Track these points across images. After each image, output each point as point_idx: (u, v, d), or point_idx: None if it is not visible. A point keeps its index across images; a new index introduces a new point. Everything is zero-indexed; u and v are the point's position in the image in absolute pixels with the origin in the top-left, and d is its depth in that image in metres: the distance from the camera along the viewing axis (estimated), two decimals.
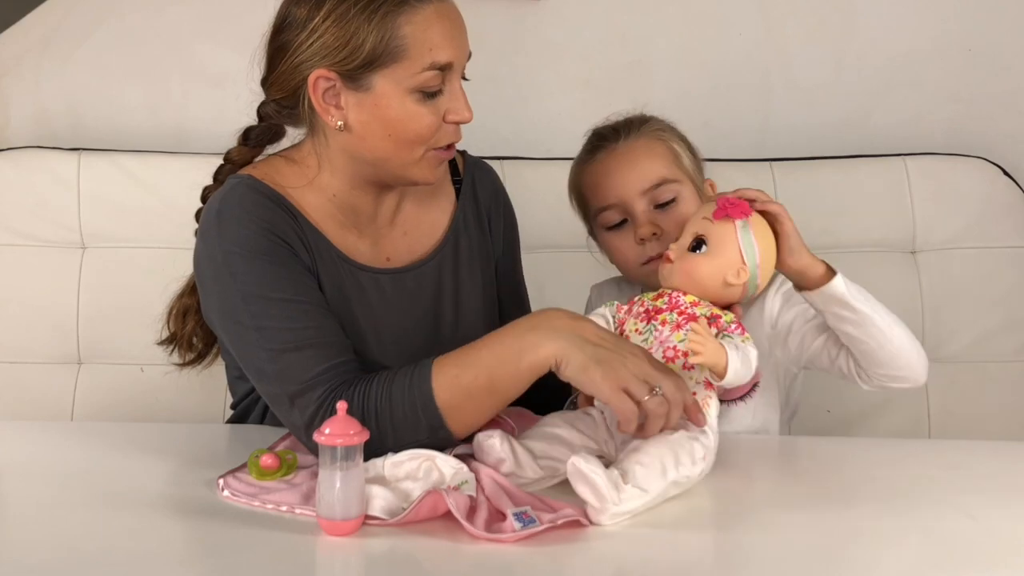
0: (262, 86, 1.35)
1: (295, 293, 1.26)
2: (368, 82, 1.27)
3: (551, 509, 1.09)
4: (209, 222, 1.29)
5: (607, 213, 1.45)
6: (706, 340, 1.15)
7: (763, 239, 1.28)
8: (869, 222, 1.97)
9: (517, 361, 1.16)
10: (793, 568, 1.04)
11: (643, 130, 1.47)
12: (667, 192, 1.43)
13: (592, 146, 1.49)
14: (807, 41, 2.10)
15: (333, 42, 1.25)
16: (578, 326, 1.18)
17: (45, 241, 1.91)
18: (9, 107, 2.04)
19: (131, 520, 1.11)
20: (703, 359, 1.14)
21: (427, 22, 1.26)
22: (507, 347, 1.17)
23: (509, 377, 1.17)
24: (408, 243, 1.43)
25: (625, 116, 1.51)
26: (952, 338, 1.95)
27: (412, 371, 1.20)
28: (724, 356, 1.16)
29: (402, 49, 1.25)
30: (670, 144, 1.47)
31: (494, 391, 1.18)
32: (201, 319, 1.39)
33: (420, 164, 1.32)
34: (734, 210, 1.25)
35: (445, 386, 1.18)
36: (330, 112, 1.29)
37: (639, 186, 1.43)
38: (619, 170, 1.44)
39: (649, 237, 1.42)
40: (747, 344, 1.21)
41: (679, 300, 1.25)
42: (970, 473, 1.29)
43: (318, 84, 1.27)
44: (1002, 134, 2.08)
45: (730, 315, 1.25)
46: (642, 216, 1.43)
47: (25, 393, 1.87)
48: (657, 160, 1.45)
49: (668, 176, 1.44)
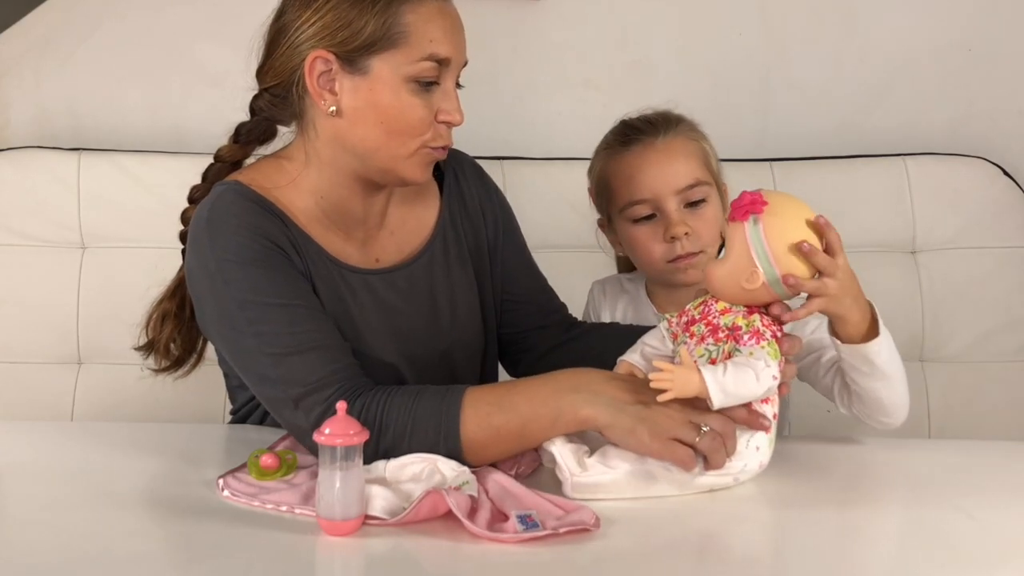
0: (257, 75, 1.35)
1: (292, 297, 1.25)
2: (366, 65, 1.27)
3: (563, 511, 1.08)
4: (199, 231, 1.28)
5: (638, 207, 1.45)
6: (674, 373, 1.11)
7: (778, 237, 1.17)
8: (869, 222, 1.97)
9: (554, 419, 1.16)
10: (793, 568, 1.04)
11: (680, 128, 1.48)
12: (698, 193, 1.44)
13: (625, 137, 1.49)
14: (807, 41, 2.10)
15: (334, 22, 1.26)
16: (615, 387, 1.17)
17: (45, 241, 1.91)
18: (9, 107, 2.04)
19: (131, 520, 1.11)
20: (673, 394, 1.11)
21: (429, 15, 1.27)
22: (546, 404, 1.17)
23: (541, 431, 1.17)
24: (396, 243, 1.42)
25: (656, 111, 1.51)
26: (952, 338, 1.96)
27: (442, 397, 1.19)
28: (695, 385, 1.11)
29: (403, 36, 1.26)
30: (702, 145, 1.49)
31: (523, 439, 1.18)
32: (179, 325, 1.39)
33: (410, 160, 1.31)
34: (738, 210, 1.18)
35: (474, 422, 1.18)
36: (324, 97, 1.29)
37: (675, 184, 1.44)
38: (658, 165, 1.45)
39: (681, 236, 1.42)
40: (757, 355, 1.14)
41: (711, 308, 1.21)
42: (970, 473, 1.29)
43: (315, 65, 1.27)
44: (1002, 134, 2.08)
45: (751, 320, 1.18)
46: (675, 214, 1.43)
47: (25, 393, 1.87)
48: (693, 160, 1.46)
49: (701, 177, 1.45)
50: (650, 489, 1.14)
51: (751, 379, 1.12)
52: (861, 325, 1.24)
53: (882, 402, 1.31)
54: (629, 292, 1.57)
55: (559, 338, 1.50)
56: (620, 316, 1.57)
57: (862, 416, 1.34)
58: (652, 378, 1.12)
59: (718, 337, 1.18)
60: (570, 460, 1.14)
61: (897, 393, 1.30)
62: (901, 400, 1.32)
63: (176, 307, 1.39)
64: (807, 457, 1.33)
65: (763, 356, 1.14)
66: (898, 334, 1.92)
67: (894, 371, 1.28)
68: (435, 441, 1.18)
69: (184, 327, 1.40)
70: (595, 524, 1.06)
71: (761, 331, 1.17)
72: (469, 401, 1.18)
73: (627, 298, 1.57)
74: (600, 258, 1.67)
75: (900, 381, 1.30)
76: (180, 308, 1.39)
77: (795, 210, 1.19)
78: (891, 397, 1.30)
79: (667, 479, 1.14)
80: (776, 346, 1.17)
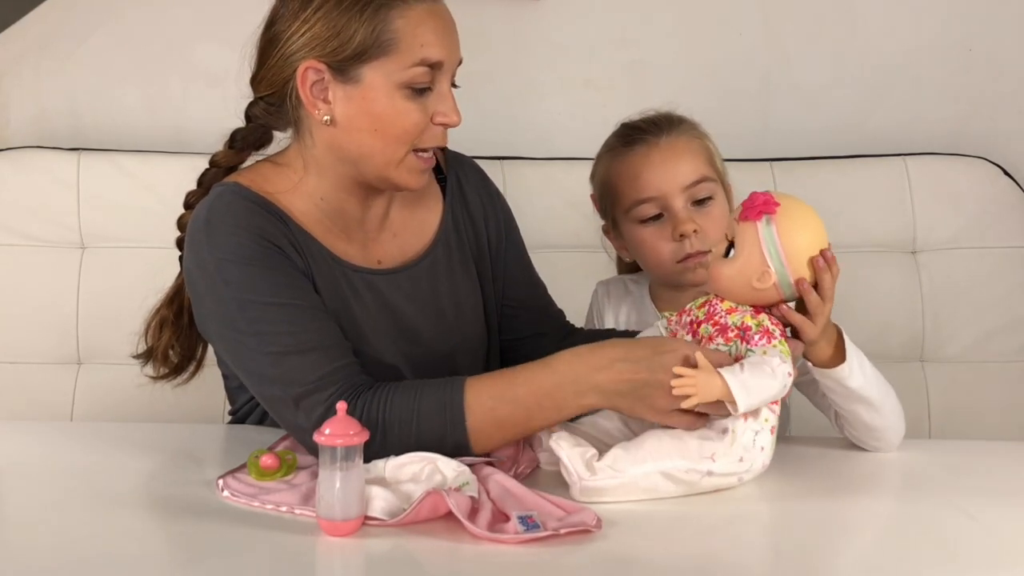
0: (251, 84, 1.35)
1: (291, 297, 1.25)
2: (357, 74, 1.27)
3: (564, 512, 1.08)
4: (198, 232, 1.28)
5: (645, 206, 1.44)
6: (696, 379, 1.12)
7: (790, 237, 1.20)
8: (869, 222, 1.97)
9: (557, 410, 1.20)
10: (793, 568, 1.04)
11: (683, 127, 1.48)
12: (705, 190, 1.44)
13: (628, 138, 1.48)
14: (807, 41, 2.10)
15: (324, 32, 1.25)
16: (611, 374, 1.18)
17: (45, 241, 1.91)
18: (9, 107, 2.04)
19: (131, 520, 1.11)
20: (697, 400, 1.12)
21: (419, 19, 1.26)
22: (550, 397, 1.19)
23: (545, 421, 1.21)
24: (399, 245, 1.42)
25: (658, 112, 1.51)
26: (952, 338, 1.95)
27: (444, 390, 1.21)
28: (718, 389, 1.12)
29: (393, 43, 1.25)
30: (706, 143, 1.49)
31: (528, 428, 1.22)
32: (178, 332, 1.39)
33: (402, 167, 1.31)
34: (751, 210, 1.19)
35: (478, 415, 1.20)
36: (317, 106, 1.28)
37: (682, 181, 1.43)
38: (663, 163, 1.44)
39: (690, 233, 1.41)
40: (771, 353, 1.15)
41: (716, 308, 1.22)
42: (970, 473, 1.29)
43: (307, 75, 1.27)
44: (1002, 134, 2.08)
45: (760, 319, 1.19)
46: (682, 212, 1.42)
47: (25, 393, 1.87)
48: (698, 158, 1.46)
49: (707, 174, 1.45)
50: (657, 492, 1.14)
51: (768, 376, 1.13)
52: (826, 349, 1.26)
53: (867, 425, 1.31)
54: (633, 294, 1.57)
55: (556, 345, 1.49)
56: (623, 317, 1.57)
57: (854, 439, 1.35)
58: (674, 384, 1.13)
59: (728, 337, 1.19)
60: (579, 464, 1.14)
61: (882, 416, 1.30)
62: (887, 423, 1.31)
63: (174, 314, 1.39)
64: (808, 457, 1.33)
65: (776, 354, 1.16)
66: (898, 334, 1.95)
67: (874, 396, 1.28)
68: (441, 434, 1.19)
69: (183, 334, 1.39)
70: (597, 525, 1.06)
71: (771, 330, 1.19)
72: (471, 393, 1.20)
73: (631, 300, 1.57)
74: (601, 258, 1.67)
75: (884, 406, 1.30)
76: (178, 315, 1.39)
77: (808, 214, 1.22)
78: (875, 421, 1.30)
79: (674, 483, 1.14)
80: (786, 344, 1.18)
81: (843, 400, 1.29)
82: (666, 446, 1.15)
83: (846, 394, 1.28)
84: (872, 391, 1.28)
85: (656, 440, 1.15)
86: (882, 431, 1.32)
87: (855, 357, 1.27)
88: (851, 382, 1.27)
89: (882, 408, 1.30)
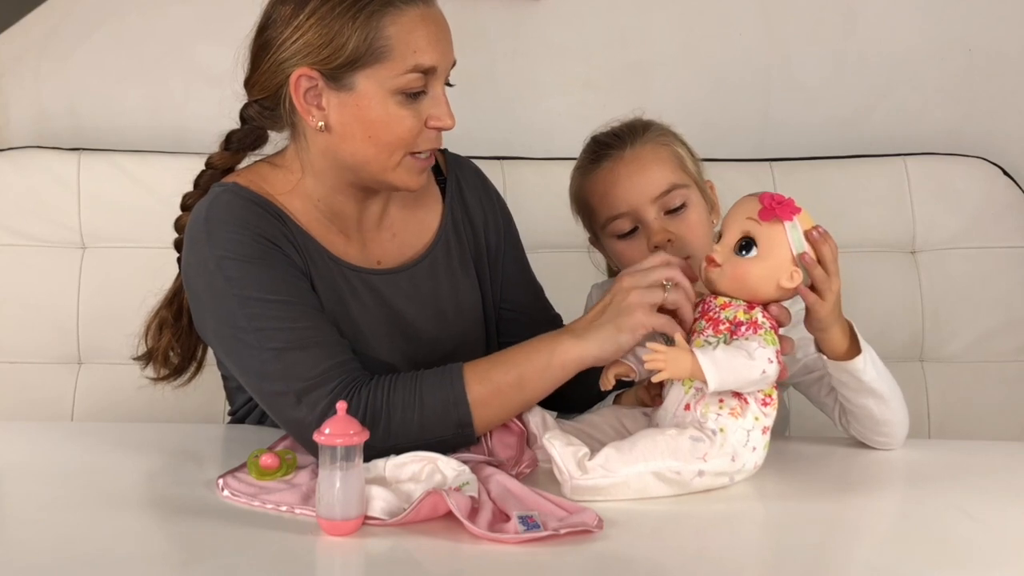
0: (245, 87, 1.34)
1: (291, 295, 1.26)
2: (350, 82, 1.26)
3: (565, 512, 1.08)
4: (198, 230, 1.28)
5: (618, 222, 1.43)
6: (668, 355, 1.14)
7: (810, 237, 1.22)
8: (869, 222, 1.97)
9: (546, 362, 1.22)
10: (792, 568, 1.04)
11: (647, 136, 1.45)
12: (677, 198, 1.41)
13: (595, 154, 1.47)
14: (807, 41, 2.10)
15: (316, 40, 1.25)
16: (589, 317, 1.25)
17: (45, 241, 1.91)
18: (9, 107, 2.04)
19: (131, 520, 1.11)
20: (667, 374, 1.14)
21: (412, 24, 1.26)
22: (537, 350, 1.23)
23: (537, 376, 1.23)
24: (398, 245, 1.42)
25: (623, 122, 1.49)
26: (952, 338, 1.96)
27: (441, 371, 1.24)
28: (687, 365, 1.13)
29: (386, 50, 1.25)
30: (674, 148, 1.46)
31: (522, 390, 1.23)
32: (178, 333, 1.39)
33: (399, 170, 1.31)
34: (783, 210, 1.19)
35: (475, 381, 1.22)
36: (311, 113, 1.28)
37: (650, 193, 1.41)
38: (629, 178, 1.42)
39: (664, 244, 1.39)
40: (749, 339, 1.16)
41: (711, 304, 1.22)
42: (970, 473, 1.29)
43: (300, 83, 1.27)
44: (1002, 134, 2.08)
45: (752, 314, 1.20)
46: (655, 223, 1.41)
47: (25, 393, 1.87)
48: (665, 166, 1.43)
49: (677, 181, 1.42)
50: (648, 492, 1.15)
51: (744, 357, 1.14)
52: (843, 342, 1.26)
53: (876, 419, 1.31)
54: None
55: None
56: None
57: (860, 436, 1.35)
58: (645, 359, 1.15)
59: (718, 330, 1.19)
60: (570, 463, 1.14)
61: (891, 411, 1.31)
62: (895, 418, 1.32)
63: (174, 315, 1.39)
64: (806, 457, 1.33)
65: (757, 339, 1.17)
66: (898, 334, 1.95)
67: (884, 390, 1.29)
68: (446, 414, 1.20)
69: (183, 335, 1.40)
70: (598, 526, 1.06)
71: (760, 323, 1.19)
72: (469, 369, 1.23)
73: None
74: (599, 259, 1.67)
75: (893, 400, 1.30)
76: (178, 316, 1.39)
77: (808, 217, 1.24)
78: (884, 415, 1.31)
79: (666, 483, 1.15)
80: (774, 335, 1.19)
81: (855, 394, 1.29)
82: (659, 446, 1.15)
83: (859, 387, 1.28)
84: (883, 384, 1.29)
85: (649, 440, 1.15)
86: (891, 425, 1.32)
87: (868, 350, 1.28)
88: (865, 375, 1.27)
89: (891, 401, 1.30)
